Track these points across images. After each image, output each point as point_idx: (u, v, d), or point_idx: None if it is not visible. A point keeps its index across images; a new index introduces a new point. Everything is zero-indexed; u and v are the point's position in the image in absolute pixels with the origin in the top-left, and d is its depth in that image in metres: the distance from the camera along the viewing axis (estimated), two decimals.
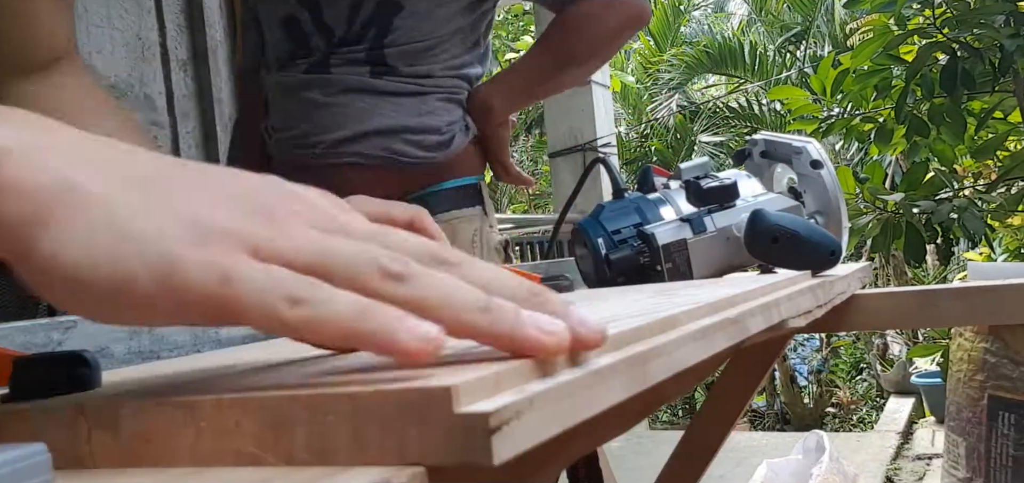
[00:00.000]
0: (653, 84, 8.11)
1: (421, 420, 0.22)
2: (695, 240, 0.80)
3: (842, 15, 7.02)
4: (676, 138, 7.58)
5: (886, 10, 2.17)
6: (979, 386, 1.46)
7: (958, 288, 0.76)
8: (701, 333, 0.37)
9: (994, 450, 1.43)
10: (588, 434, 0.43)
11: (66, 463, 0.27)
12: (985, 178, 2.52)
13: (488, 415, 0.21)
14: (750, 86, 7.51)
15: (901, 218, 2.17)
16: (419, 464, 0.22)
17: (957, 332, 1.60)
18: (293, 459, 0.24)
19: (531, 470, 0.33)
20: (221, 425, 0.25)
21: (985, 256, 3.57)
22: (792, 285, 0.61)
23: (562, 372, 0.26)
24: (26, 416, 0.29)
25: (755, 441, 4.30)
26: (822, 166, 0.87)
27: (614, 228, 0.82)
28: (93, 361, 0.32)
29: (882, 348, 5.85)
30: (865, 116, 2.42)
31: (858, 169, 2.91)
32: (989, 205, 2.23)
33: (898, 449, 4.06)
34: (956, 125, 2.19)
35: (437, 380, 0.23)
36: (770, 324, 0.49)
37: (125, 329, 0.50)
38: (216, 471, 0.25)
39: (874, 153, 2.53)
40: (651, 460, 3.92)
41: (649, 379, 0.31)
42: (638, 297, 0.53)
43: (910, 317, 0.78)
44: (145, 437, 0.26)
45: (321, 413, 0.24)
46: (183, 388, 0.29)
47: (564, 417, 0.25)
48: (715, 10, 10.25)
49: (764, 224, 0.70)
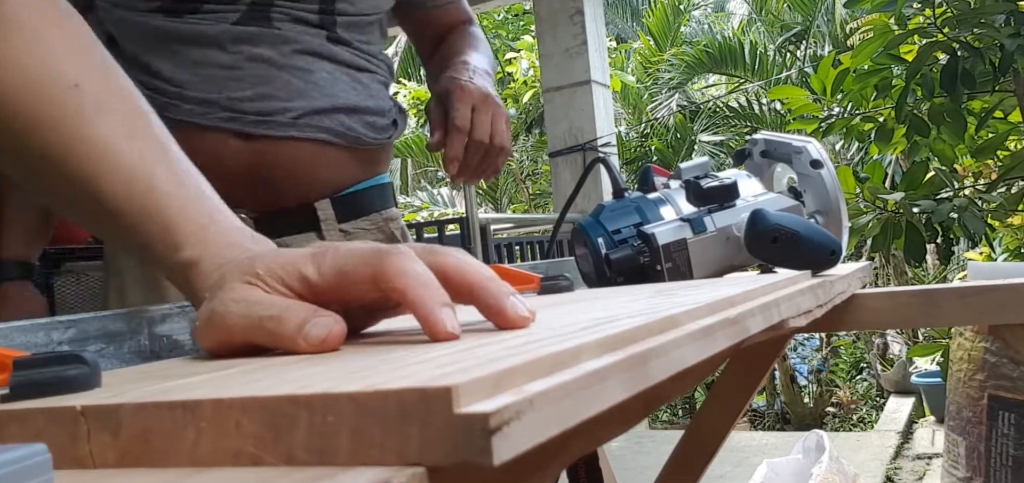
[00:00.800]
0: (653, 84, 8.11)
1: (421, 420, 0.22)
2: (695, 240, 0.80)
3: (842, 15, 7.02)
4: (676, 138, 7.58)
5: (886, 10, 2.17)
6: (979, 386, 1.46)
7: (958, 288, 0.76)
8: (701, 333, 0.37)
9: (994, 450, 1.43)
10: (588, 434, 0.43)
11: (66, 463, 0.27)
12: (985, 178, 2.52)
13: (488, 415, 0.21)
14: (750, 86, 7.51)
15: (901, 218, 2.17)
16: (419, 464, 0.22)
17: (957, 332, 1.60)
18: (293, 459, 0.24)
19: (531, 470, 0.33)
20: (221, 425, 0.25)
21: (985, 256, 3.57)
22: (792, 285, 0.61)
23: (562, 372, 0.26)
24: (26, 416, 0.29)
25: (755, 441, 4.30)
26: (822, 166, 0.87)
27: (614, 228, 0.82)
28: (93, 361, 0.32)
29: (882, 348, 5.85)
30: (865, 116, 2.42)
31: (858, 169, 2.91)
32: (989, 205, 2.23)
33: (898, 449, 4.06)
34: (956, 125, 2.19)
35: (437, 380, 0.23)
36: (770, 324, 0.49)
37: (124, 329, 0.50)
38: (216, 471, 0.25)
39: (874, 153, 2.53)
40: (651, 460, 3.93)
41: (649, 379, 0.31)
42: (638, 297, 0.53)
43: (910, 317, 0.78)
44: (145, 437, 0.26)
45: (321, 413, 0.24)
46: (183, 388, 0.29)
47: (564, 417, 0.25)
48: (715, 10, 10.26)
49: (764, 224, 0.70)
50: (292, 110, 0.88)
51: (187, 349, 0.53)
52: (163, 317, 0.52)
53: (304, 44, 0.90)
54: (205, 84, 0.87)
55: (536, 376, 0.26)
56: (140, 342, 0.51)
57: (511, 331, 0.37)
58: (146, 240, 0.45)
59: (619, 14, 9.74)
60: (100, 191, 0.45)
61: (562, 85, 4.43)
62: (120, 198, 0.45)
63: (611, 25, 9.51)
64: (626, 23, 9.84)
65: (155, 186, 0.45)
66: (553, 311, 0.47)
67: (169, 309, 0.53)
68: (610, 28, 9.39)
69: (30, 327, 0.46)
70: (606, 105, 4.54)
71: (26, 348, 0.45)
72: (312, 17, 0.91)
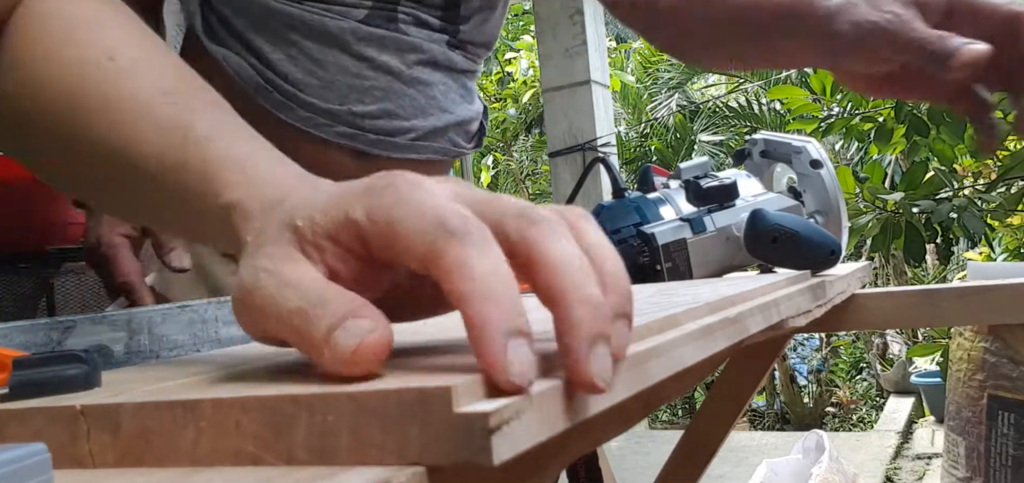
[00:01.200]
0: (653, 84, 8.11)
1: (421, 420, 0.22)
2: (695, 240, 0.80)
3: None
4: (676, 138, 7.58)
5: None
6: (979, 386, 1.47)
7: (958, 288, 0.76)
8: (701, 333, 0.37)
9: (994, 450, 1.43)
10: (588, 434, 0.43)
11: (66, 463, 0.27)
12: (985, 178, 2.52)
13: (488, 415, 0.21)
14: (750, 85, 7.51)
15: (901, 218, 2.17)
16: (419, 464, 0.22)
17: (957, 332, 1.61)
18: (293, 459, 0.24)
19: (531, 470, 0.33)
20: (221, 425, 0.25)
21: (985, 256, 3.57)
22: (792, 285, 0.61)
23: (562, 372, 0.26)
24: (26, 416, 0.29)
25: (755, 441, 4.30)
26: (822, 166, 0.87)
27: (614, 228, 0.82)
28: (93, 361, 0.32)
29: (882, 348, 5.85)
30: (865, 115, 2.42)
31: (858, 169, 2.91)
32: (989, 205, 2.23)
33: (898, 449, 4.06)
34: (956, 124, 2.19)
35: (437, 380, 0.23)
36: (770, 324, 0.49)
37: (124, 329, 0.50)
38: (216, 471, 0.25)
39: (874, 153, 2.53)
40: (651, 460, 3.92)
41: (649, 379, 0.31)
42: (638, 296, 0.53)
43: (910, 317, 0.78)
44: (145, 437, 0.26)
45: (321, 413, 0.24)
46: (183, 387, 0.29)
47: (564, 417, 0.25)
48: None
49: (764, 224, 0.70)
50: (413, 130, 0.82)
51: (187, 348, 0.53)
52: (163, 317, 0.52)
53: (427, 53, 0.83)
54: (326, 91, 0.78)
55: (536, 376, 0.26)
56: (140, 342, 0.51)
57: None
58: (185, 197, 0.40)
59: None
60: (138, 155, 0.41)
61: (562, 85, 4.42)
62: (156, 157, 0.40)
63: (611, 25, 9.50)
64: None
65: (192, 134, 0.40)
66: None
67: (169, 309, 0.53)
68: (610, 28, 9.38)
69: (30, 327, 0.46)
70: (606, 105, 4.54)
71: (26, 348, 0.45)
72: (434, 17, 0.83)
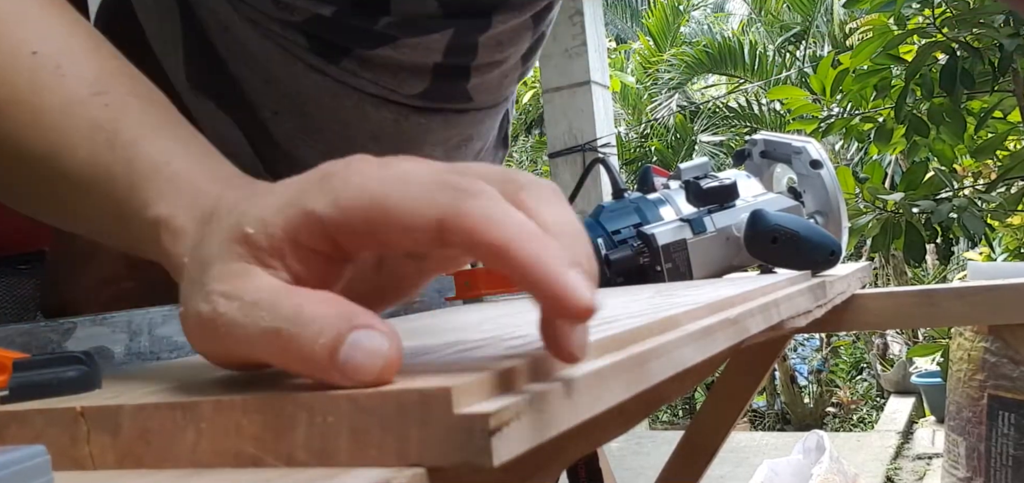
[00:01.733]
0: (653, 84, 8.11)
1: (421, 421, 0.22)
2: (695, 240, 0.80)
3: (842, 15, 7.02)
4: (676, 138, 7.58)
5: (886, 10, 2.17)
6: (979, 386, 1.46)
7: (958, 288, 0.76)
8: (701, 333, 0.37)
9: (994, 450, 1.43)
10: (588, 434, 0.43)
11: (66, 464, 0.27)
12: (985, 178, 2.52)
13: (488, 416, 0.21)
14: (750, 86, 7.51)
15: (901, 218, 2.17)
16: (419, 465, 0.22)
17: (957, 332, 1.60)
18: (293, 459, 0.24)
19: (531, 470, 0.33)
20: (221, 426, 0.25)
21: (985, 256, 3.57)
22: (792, 285, 0.61)
23: (562, 372, 0.26)
24: (26, 417, 0.29)
25: (755, 441, 4.30)
26: (822, 166, 0.87)
27: (614, 228, 0.82)
28: (93, 363, 0.32)
29: (882, 348, 5.85)
30: (865, 116, 2.42)
31: (858, 169, 2.91)
32: (989, 205, 2.23)
33: (898, 449, 4.06)
34: (956, 125, 2.19)
35: (437, 381, 0.23)
36: (770, 324, 0.49)
37: (124, 331, 0.50)
38: (216, 472, 0.25)
39: (874, 153, 2.53)
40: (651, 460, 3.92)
41: (649, 379, 0.31)
42: (638, 297, 0.53)
43: (910, 317, 0.78)
44: (145, 438, 0.26)
45: (321, 413, 0.24)
46: (183, 389, 0.29)
47: (564, 417, 0.25)
48: (715, 10, 10.26)
49: (764, 224, 0.70)
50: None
51: (187, 350, 0.53)
52: (163, 318, 0.52)
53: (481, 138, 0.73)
54: (313, 120, 0.65)
55: (536, 377, 0.26)
56: (140, 343, 0.51)
57: (513, 333, 0.35)
58: (115, 210, 0.34)
59: (619, 14, 9.74)
60: (65, 161, 0.36)
61: (562, 86, 4.43)
62: (84, 164, 0.35)
63: (611, 25, 9.51)
64: (626, 23, 9.84)
65: (119, 137, 0.35)
66: None
67: (169, 310, 0.53)
68: (610, 28, 9.39)
69: (30, 329, 0.46)
70: (606, 106, 4.54)
71: (26, 350, 0.45)
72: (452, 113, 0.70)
